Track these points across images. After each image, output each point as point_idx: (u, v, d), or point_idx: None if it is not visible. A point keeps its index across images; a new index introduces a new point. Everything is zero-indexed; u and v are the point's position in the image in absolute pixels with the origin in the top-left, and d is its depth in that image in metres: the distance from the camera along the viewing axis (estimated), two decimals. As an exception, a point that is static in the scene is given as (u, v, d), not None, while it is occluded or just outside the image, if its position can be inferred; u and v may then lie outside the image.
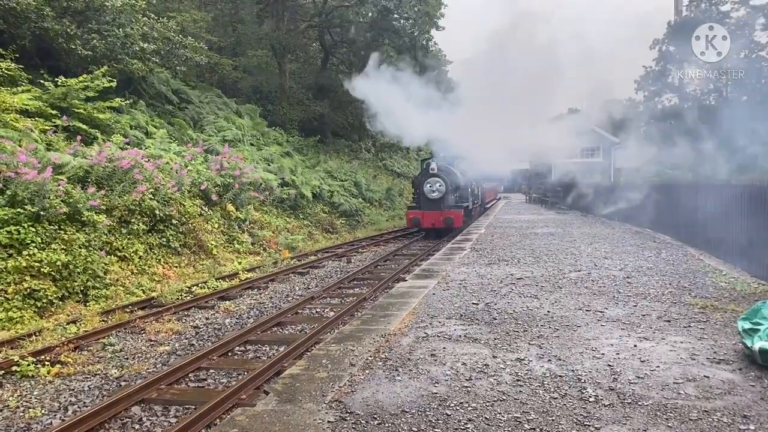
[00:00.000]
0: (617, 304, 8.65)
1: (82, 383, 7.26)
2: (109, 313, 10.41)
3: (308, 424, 4.57)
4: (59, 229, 11.27)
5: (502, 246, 15.81)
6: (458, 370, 5.86)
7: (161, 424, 5.99)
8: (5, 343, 8.60)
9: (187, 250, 14.95)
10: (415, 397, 5.16)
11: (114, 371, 7.66)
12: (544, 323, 7.63)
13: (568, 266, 12.21)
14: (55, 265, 10.65)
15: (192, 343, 8.95)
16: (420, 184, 22.73)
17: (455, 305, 8.74)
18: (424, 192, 22.24)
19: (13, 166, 11.30)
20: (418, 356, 6.30)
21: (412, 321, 7.85)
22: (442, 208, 21.89)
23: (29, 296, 10.14)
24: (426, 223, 22.01)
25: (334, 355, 6.36)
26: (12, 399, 6.72)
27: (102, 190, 12.94)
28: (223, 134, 23.43)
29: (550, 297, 9.24)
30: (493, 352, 6.41)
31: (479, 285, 10.30)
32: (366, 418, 4.70)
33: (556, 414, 4.77)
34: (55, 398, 6.78)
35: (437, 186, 22.08)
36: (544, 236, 18.27)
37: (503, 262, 12.85)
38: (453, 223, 21.44)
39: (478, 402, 5.03)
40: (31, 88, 15.41)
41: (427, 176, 22.44)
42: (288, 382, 5.53)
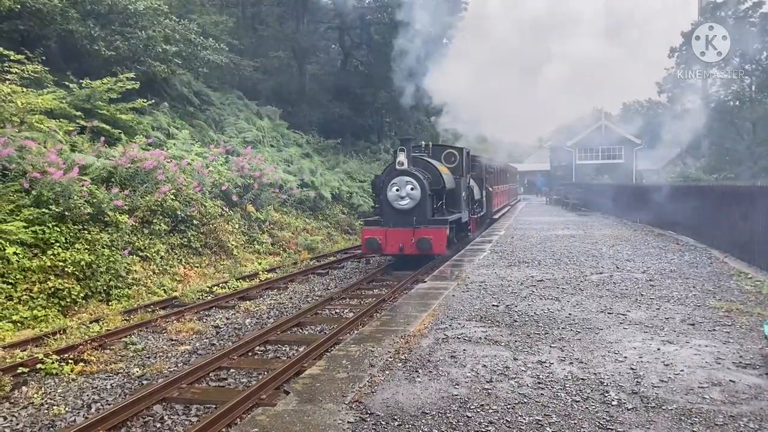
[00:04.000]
0: (640, 307, 8.55)
1: (104, 381, 7.34)
2: (131, 312, 10.52)
3: (328, 425, 4.57)
4: (83, 229, 11.42)
5: (522, 248, 15.71)
6: (478, 372, 5.82)
7: (182, 422, 6.03)
8: (30, 341, 8.74)
9: (208, 251, 15.07)
10: (435, 398, 5.14)
11: (136, 370, 7.73)
12: (566, 326, 7.56)
13: (590, 268, 12.10)
14: (79, 264, 10.80)
15: (213, 343, 9.01)
16: (382, 187, 14.88)
17: (475, 307, 8.69)
18: (388, 199, 14.55)
19: (39, 167, 11.48)
20: (437, 358, 6.28)
21: (431, 322, 7.83)
22: (416, 224, 14.18)
23: (53, 295, 10.29)
24: (390, 246, 14.27)
25: (354, 356, 6.36)
26: (37, 396, 6.81)
27: (125, 190, 13.10)
28: (244, 135, 23.59)
29: (572, 299, 9.16)
30: (513, 355, 6.37)
31: (499, 287, 10.24)
32: (386, 419, 4.69)
33: (578, 417, 4.72)
34: (79, 396, 6.87)
35: (408, 189, 14.35)
36: (564, 238, 18.11)
37: (523, 264, 12.77)
38: (431, 248, 13.87)
39: (499, 404, 4.99)
40: (56, 89, 15.63)
41: (392, 175, 14.64)
42: (308, 382, 5.54)
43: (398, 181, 14.47)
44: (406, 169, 14.49)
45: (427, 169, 15.29)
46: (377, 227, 14.66)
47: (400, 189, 14.44)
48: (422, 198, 14.38)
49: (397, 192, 14.47)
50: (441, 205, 15.53)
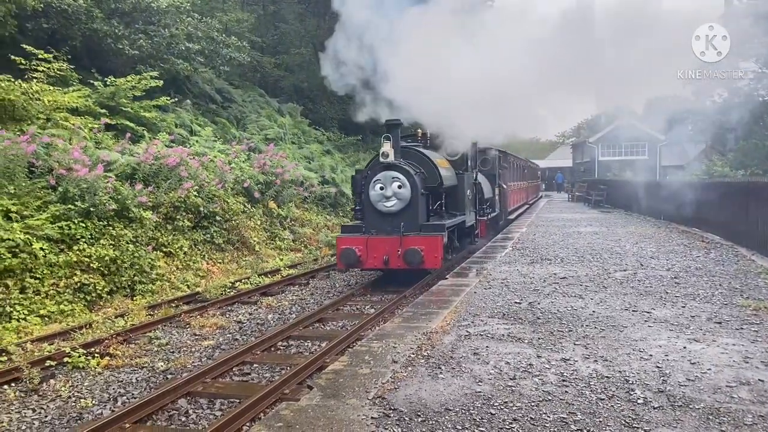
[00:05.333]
0: (665, 305, 8.44)
1: (130, 375, 7.43)
2: (155, 307, 10.63)
3: (352, 420, 4.58)
4: (108, 225, 11.57)
5: (544, 245, 15.59)
6: (502, 369, 5.79)
7: (207, 417, 6.09)
8: (57, 335, 8.88)
9: (230, 247, 15.19)
10: (458, 395, 5.12)
11: (160, 364, 7.81)
12: (590, 323, 7.49)
13: (613, 266, 11.97)
14: (104, 260, 10.95)
15: (236, 338, 9.08)
16: (363, 185, 12.24)
17: (497, 304, 8.65)
18: (371, 200, 11.91)
19: (65, 164, 11.65)
20: (460, 355, 6.26)
21: (453, 319, 7.80)
22: (404, 230, 11.46)
23: (79, 290, 10.44)
24: (371, 259, 11.56)
25: (376, 352, 6.37)
26: (64, 389, 6.92)
27: (149, 187, 13.25)
28: (265, 133, 23.72)
29: (595, 297, 9.07)
30: (537, 352, 6.33)
31: (521, 284, 10.17)
32: (409, 415, 4.69)
33: (604, 415, 4.68)
34: (105, 389, 6.96)
35: (394, 188, 11.67)
36: (587, 235, 17.95)
37: (546, 261, 12.68)
38: (422, 261, 11.15)
39: (523, 402, 4.96)
40: (81, 87, 15.85)
41: (375, 170, 12.01)
42: (331, 378, 5.56)
43: (383, 178, 11.70)
44: (393, 162, 11.69)
45: (421, 162, 12.47)
46: (356, 235, 11.95)
47: (385, 187, 11.66)
48: (413, 198, 11.66)
49: (382, 191, 11.68)
50: (439, 207, 12.68)
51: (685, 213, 20.48)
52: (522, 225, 21.96)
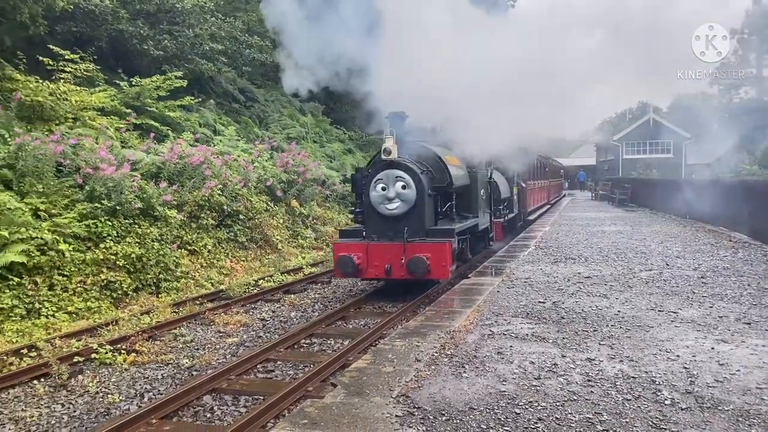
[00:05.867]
0: (692, 305, 8.32)
1: (155, 372, 7.52)
2: (180, 304, 10.75)
3: (377, 418, 4.59)
4: (133, 224, 11.72)
5: (568, 244, 15.47)
6: (526, 368, 5.76)
7: (231, 413, 6.14)
8: (85, 331, 9.02)
9: (253, 245, 15.30)
10: (482, 394, 5.10)
11: (185, 361, 7.90)
12: (615, 323, 7.41)
13: (638, 265, 11.83)
14: (130, 257, 11.09)
15: (259, 335, 9.14)
16: (364, 184, 11.07)
17: (521, 303, 8.60)
18: (372, 202, 10.73)
19: (92, 163, 11.83)
20: (484, 354, 6.24)
21: (476, 318, 7.78)
22: (408, 236, 10.22)
23: (106, 287, 10.59)
24: (372, 268, 10.50)
25: (400, 350, 6.37)
26: (92, 385, 7.03)
27: (173, 185, 13.40)
28: (288, 132, 23.85)
29: (620, 296, 8.98)
30: (561, 352, 6.28)
31: (545, 283, 10.10)
32: (433, 413, 4.68)
33: (630, 416, 4.63)
34: (131, 385, 7.05)
35: (398, 188, 10.46)
36: (611, 234, 17.76)
37: (570, 261, 12.57)
38: (427, 271, 9.98)
39: (548, 401, 4.93)
40: (107, 87, 16.07)
41: (377, 168, 10.87)
42: (355, 376, 5.57)
43: (385, 177, 10.51)
44: (397, 160, 10.55)
45: (429, 160, 11.23)
46: (355, 240, 10.87)
47: (388, 187, 10.47)
48: (418, 200, 10.44)
49: (384, 192, 10.50)
50: (449, 209, 11.30)
51: (712, 212, 20.16)
52: (545, 224, 21.81)
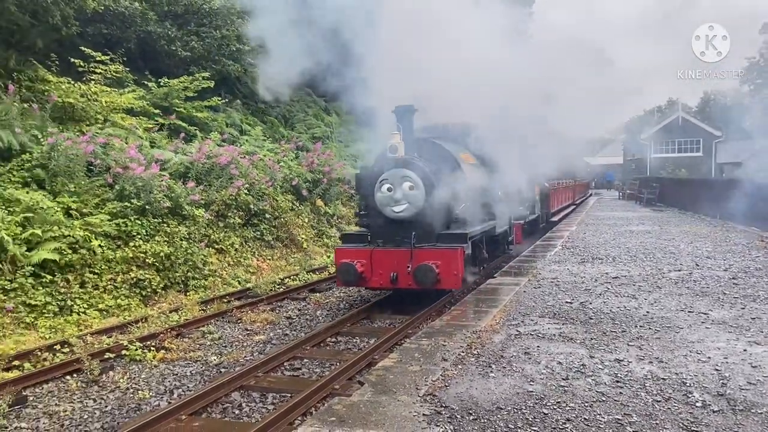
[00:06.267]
0: (723, 306, 8.19)
1: (184, 368, 7.63)
2: (207, 302, 10.88)
3: (404, 416, 4.60)
4: (162, 222, 11.89)
5: (595, 244, 15.31)
6: (554, 369, 5.73)
7: (259, 410, 6.20)
8: (115, 328, 9.18)
9: (279, 244, 15.41)
10: (509, 394, 5.08)
11: (214, 358, 8.00)
12: (644, 324, 7.33)
13: (667, 265, 11.67)
14: (159, 256, 11.25)
15: (285, 333, 9.21)
16: (368, 185, 10.22)
17: (548, 303, 8.54)
18: (377, 204, 9.84)
19: (122, 163, 12.02)
20: (511, 354, 6.21)
21: (503, 318, 7.74)
22: (415, 241, 9.45)
23: (135, 285, 10.76)
24: (377, 276, 9.66)
25: (426, 349, 6.37)
26: (123, 381, 7.15)
27: (201, 185, 13.56)
28: (313, 131, 23.95)
29: (649, 297, 8.87)
30: (589, 352, 6.23)
31: (572, 283, 10.02)
32: (461, 413, 4.68)
33: (660, 418, 4.58)
34: (161, 382, 7.16)
35: (405, 189, 9.55)
36: (639, 234, 17.53)
37: (597, 261, 12.44)
38: (436, 280, 9.13)
39: (576, 402, 4.90)
40: (135, 88, 16.32)
41: (383, 168, 9.94)
42: (381, 374, 5.59)
43: (391, 177, 9.58)
44: (404, 158, 9.69)
45: (440, 157, 10.24)
46: (358, 246, 10.03)
47: (394, 188, 9.53)
48: (428, 201, 9.52)
49: (390, 193, 9.57)
50: (462, 211, 10.13)
51: (743, 211, 19.79)
52: (572, 223, 21.60)
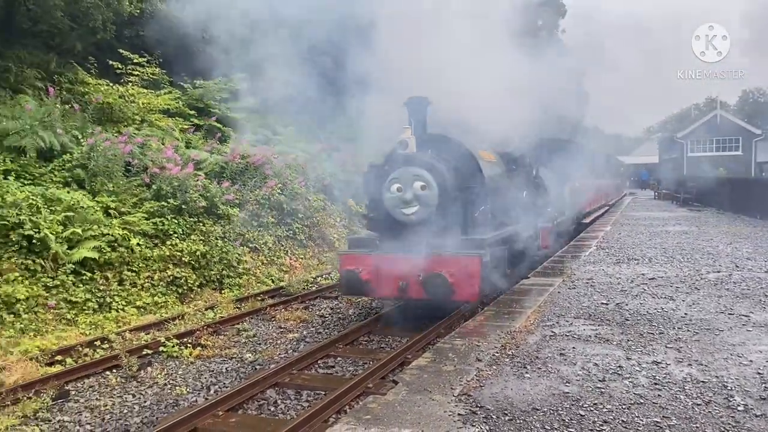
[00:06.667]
0: (765, 308, 7.99)
1: (220, 365, 7.74)
2: (242, 300, 11.02)
3: (439, 416, 4.60)
4: (198, 221, 12.08)
5: (630, 244, 15.07)
6: (590, 370, 5.66)
7: (294, 407, 6.26)
8: (152, 325, 9.36)
9: (311, 243, 15.53)
10: (545, 395, 5.04)
11: (249, 355, 8.10)
12: (682, 326, 7.19)
13: (706, 266, 11.43)
14: (195, 254, 11.44)
15: (319, 332, 9.28)
16: (376, 184, 9.23)
17: (583, 304, 8.44)
18: (386, 205, 8.96)
19: (158, 163, 12.26)
20: (546, 355, 6.16)
21: (537, 319, 7.68)
22: (427, 247, 8.48)
23: (172, 283, 10.96)
24: (384, 285, 8.64)
25: (460, 350, 6.36)
26: (160, 377, 7.30)
27: (235, 185, 13.73)
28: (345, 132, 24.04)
29: (687, 299, 8.70)
30: (626, 354, 6.14)
31: (608, 284, 9.88)
32: (496, 413, 4.66)
33: (700, 421, 4.49)
34: (197, 378, 7.28)
35: (416, 189, 8.63)
36: (676, 234, 17.21)
37: (633, 261, 12.25)
38: (451, 292, 8.12)
39: (614, 404, 4.84)
40: (171, 90, 16.61)
41: (393, 165, 8.96)
42: (416, 374, 5.60)
43: (401, 175, 8.65)
44: (415, 155, 8.75)
45: (456, 154, 9.17)
46: (363, 252, 9.00)
47: (404, 188, 8.58)
48: (442, 203, 8.58)
49: (400, 193, 8.63)
50: (482, 214, 9.06)
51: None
52: (606, 224, 21.31)
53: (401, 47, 9.00)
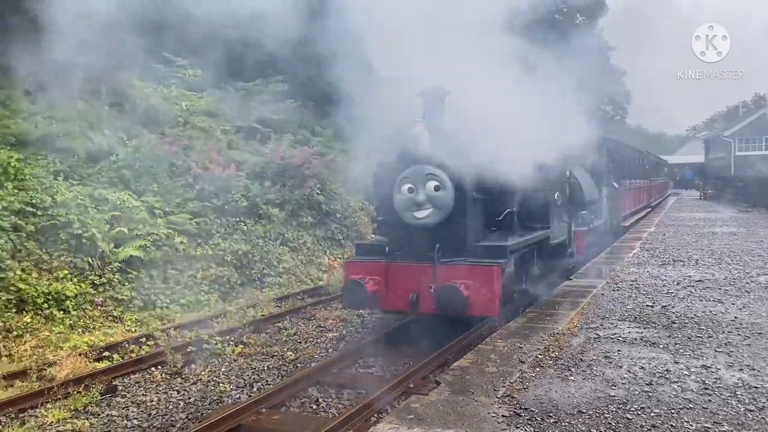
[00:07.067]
0: (820, 313, 7.71)
1: (262, 363, 7.84)
2: (282, 299, 11.14)
3: (483, 417, 4.56)
4: (239, 221, 12.26)
5: (676, 246, 14.71)
6: (636, 373, 5.54)
7: (336, 405, 6.30)
8: (196, 323, 9.52)
9: (349, 243, 15.58)
10: (590, 398, 4.96)
11: (290, 354, 8.17)
12: (732, 329, 6.99)
13: (756, 269, 11.08)
14: (237, 253, 11.61)
15: (358, 331, 9.32)
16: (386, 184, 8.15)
17: (627, 307, 8.27)
18: (396, 208, 7.85)
19: (202, 164, 12.47)
20: (590, 357, 6.05)
21: (581, 321, 7.55)
22: (440, 255, 7.44)
23: (215, 281, 11.13)
24: (392, 297, 7.74)
25: (502, 351, 6.29)
26: (204, 374, 7.42)
27: (276, 185, 13.88)
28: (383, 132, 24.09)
29: (737, 302, 8.45)
30: (674, 358, 5.99)
31: (653, 286, 9.66)
32: (541, 415, 4.60)
33: (754, 428, 4.36)
34: (240, 375, 7.38)
35: (430, 190, 7.61)
36: (724, 236, 16.73)
37: (678, 263, 11.95)
38: (465, 305, 7.12)
39: (662, 408, 4.72)
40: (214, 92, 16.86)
41: (404, 164, 7.99)
42: (458, 374, 5.56)
43: (412, 175, 7.69)
44: (429, 152, 7.78)
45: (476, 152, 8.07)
46: (370, 260, 8.13)
47: (416, 189, 7.62)
48: (458, 205, 7.61)
49: (411, 194, 7.67)
50: (506, 218, 8.25)
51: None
52: (649, 225, 20.84)
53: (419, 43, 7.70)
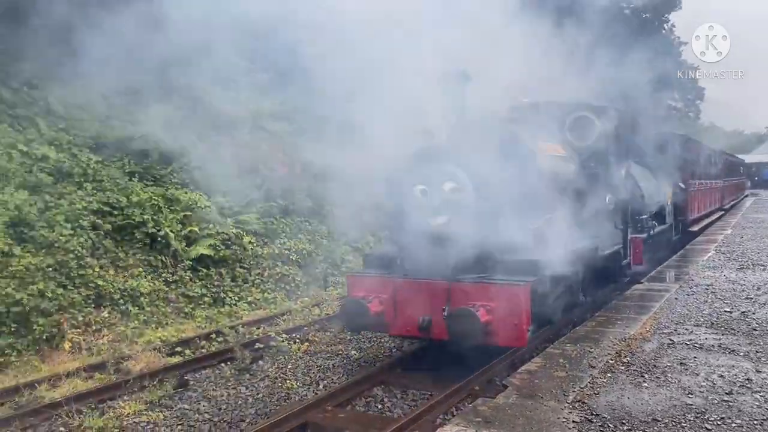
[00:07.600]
0: None
1: (327, 361, 7.91)
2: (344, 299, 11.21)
3: (552, 422, 4.47)
4: (304, 221, 12.45)
5: (755, 249, 14.01)
6: (714, 382, 5.31)
7: (401, 405, 6.30)
8: (263, 320, 9.73)
9: (413, 244, 15.58)
10: (666, 406, 4.78)
11: (354, 353, 8.23)
12: (819, 338, 6.60)
13: (844, 274, 10.45)
14: (301, 253, 11.79)
15: (422, 333, 9.27)
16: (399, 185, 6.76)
17: (703, 312, 7.93)
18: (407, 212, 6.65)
19: (268, 165, 12.73)
20: (665, 364, 5.83)
21: (653, 326, 7.29)
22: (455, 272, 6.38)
23: (280, 280, 11.35)
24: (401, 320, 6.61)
25: (571, 355, 6.15)
26: (271, 370, 7.57)
27: (339, 185, 14.02)
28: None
29: (824, 309, 7.98)
30: (755, 366, 5.71)
31: (731, 291, 9.23)
32: (613, 422, 4.47)
33: None
34: (306, 373, 7.48)
35: (446, 191, 6.43)
36: (807, 239, 15.84)
37: (758, 267, 11.38)
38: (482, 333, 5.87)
39: (743, 419, 4.50)
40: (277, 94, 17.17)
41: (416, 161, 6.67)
42: (526, 378, 5.47)
43: (426, 174, 6.59)
44: (444, 147, 6.75)
45: (505, 146, 6.76)
46: (377, 275, 7.08)
47: (430, 191, 6.54)
48: (480, 210, 6.40)
49: (425, 198, 6.57)
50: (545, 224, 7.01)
51: None
52: (725, 227, 19.92)
53: None
